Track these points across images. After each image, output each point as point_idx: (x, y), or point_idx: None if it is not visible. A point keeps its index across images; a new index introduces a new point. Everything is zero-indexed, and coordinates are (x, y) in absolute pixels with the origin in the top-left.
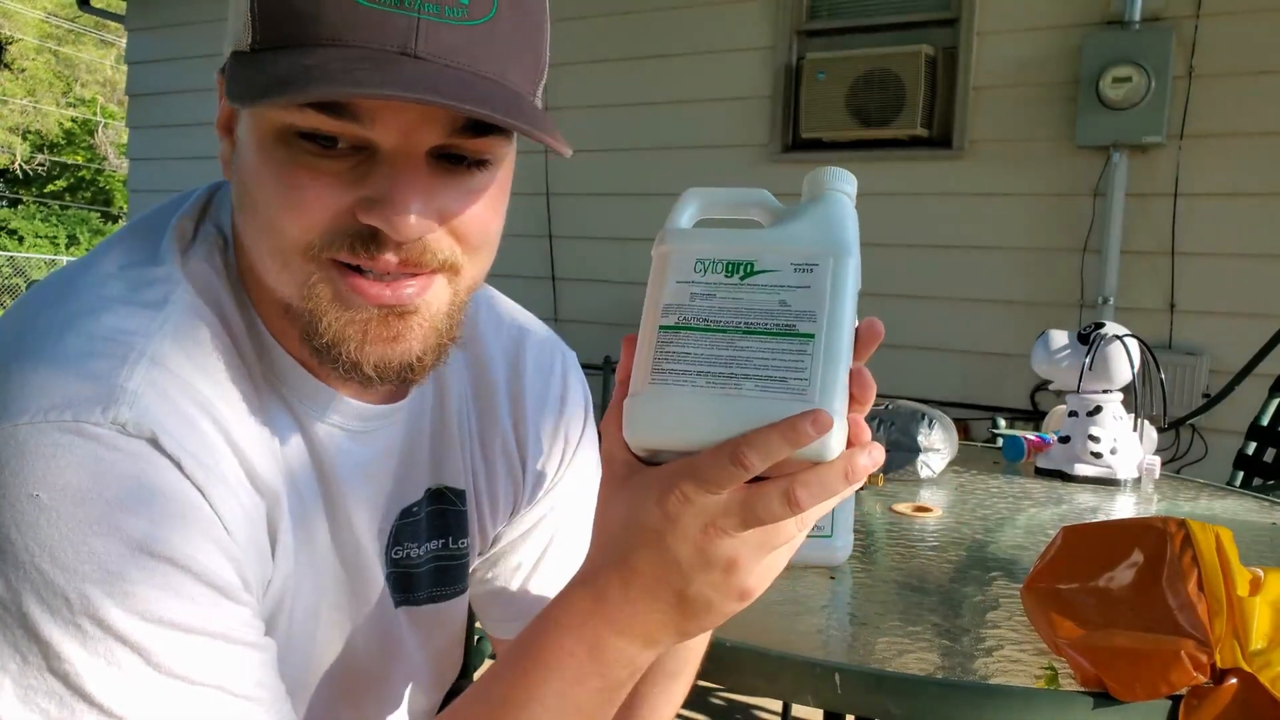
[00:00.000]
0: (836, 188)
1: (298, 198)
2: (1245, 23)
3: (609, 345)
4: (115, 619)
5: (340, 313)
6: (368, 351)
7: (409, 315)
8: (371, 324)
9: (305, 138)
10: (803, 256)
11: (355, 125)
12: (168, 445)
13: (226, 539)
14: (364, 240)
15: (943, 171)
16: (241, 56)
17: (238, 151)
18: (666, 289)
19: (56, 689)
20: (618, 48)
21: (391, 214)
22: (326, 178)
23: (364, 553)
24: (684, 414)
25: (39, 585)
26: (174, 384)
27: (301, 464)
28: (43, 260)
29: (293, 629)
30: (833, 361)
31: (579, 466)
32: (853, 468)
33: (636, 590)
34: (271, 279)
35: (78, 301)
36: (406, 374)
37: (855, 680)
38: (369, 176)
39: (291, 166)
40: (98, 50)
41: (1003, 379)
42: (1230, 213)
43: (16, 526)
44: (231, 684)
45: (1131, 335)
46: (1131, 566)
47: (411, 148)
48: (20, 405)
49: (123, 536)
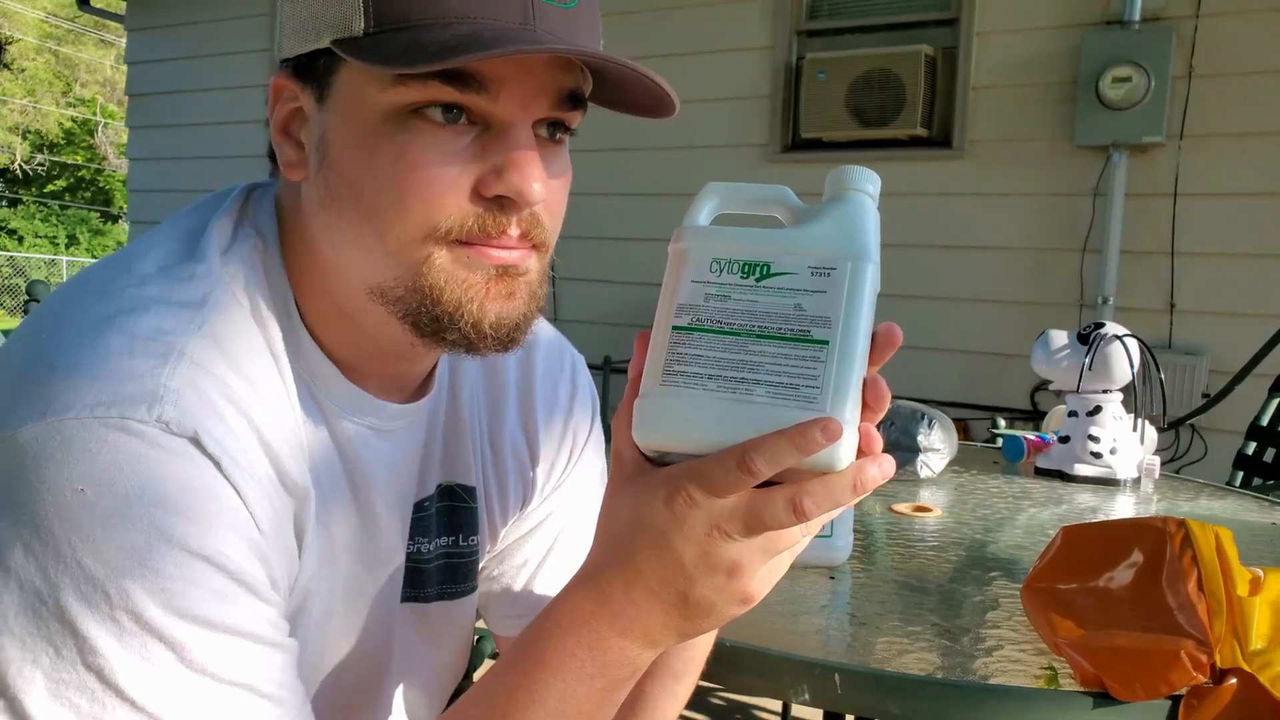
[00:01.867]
0: (859, 188)
1: (424, 177)
2: (1245, 23)
3: (609, 345)
4: (152, 615)
5: (462, 277)
6: (488, 309)
7: (519, 275)
8: (491, 283)
9: (419, 116)
10: (820, 260)
11: (481, 96)
12: (208, 445)
13: (259, 539)
14: (493, 215)
15: (942, 171)
16: (353, 41)
17: (325, 148)
18: (681, 287)
19: (89, 683)
20: (618, 47)
21: (520, 181)
22: (450, 155)
23: (386, 551)
24: (693, 417)
25: (79, 579)
26: (211, 383)
27: (331, 464)
28: (42, 260)
29: (310, 628)
30: (846, 369)
31: (585, 466)
32: (862, 479)
33: (639, 590)
34: (372, 268)
35: (117, 301)
36: (514, 334)
37: (855, 680)
38: (488, 149)
39: (412, 147)
40: (97, 50)
41: (1003, 379)
42: (1230, 213)
43: (60, 521)
44: (258, 684)
45: (1131, 335)
46: (1131, 566)
47: (526, 119)
48: (65, 401)
49: (163, 533)
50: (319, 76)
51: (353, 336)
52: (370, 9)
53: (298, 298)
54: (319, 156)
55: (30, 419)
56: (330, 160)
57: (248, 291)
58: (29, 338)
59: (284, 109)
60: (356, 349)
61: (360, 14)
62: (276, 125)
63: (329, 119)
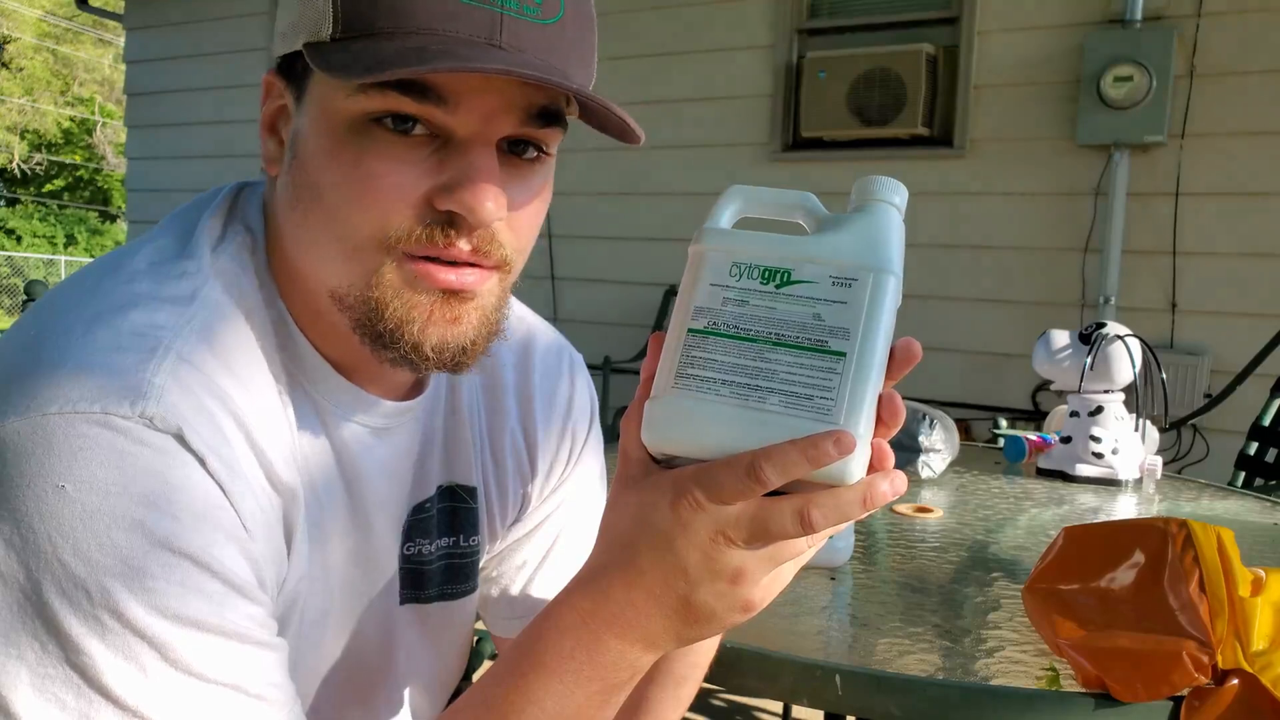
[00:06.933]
0: (885, 199)
1: (375, 186)
2: (1247, 22)
3: (609, 345)
4: (134, 614)
5: (407, 296)
6: (430, 333)
7: (468, 300)
8: (435, 305)
9: (379, 124)
10: (842, 270)
11: (439, 109)
12: (193, 441)
13: (245, 538)
14: (441, 228)
15: (944, 171)
16: (320, 46)
17: (296, 146)
18: (699, 290)
19: (74, 680)
20: (617, 47)
21: (471, 199)
22: (404, 166)
23: (381, 551)
24: (704, 423)
25: (60, 577)
26: (198, 380)
27: (323, 464)
28: (40, 260)
29: (303, 630)
30: (862, 383)
31: (584, 467)
32: (872, 494)
33: (640, 592)
34: (328, 271)
35: (107, 297)
36: (460, 358)
37: (856, 681)
38: (445, 163)
39: (368, 155)
40: (96, 49)
41: (1004, 379)
42: (1232, 212)
43: (40, 516)
44: (245, 683)
45: (1133, 335)
46: (1133, 567)
47: (487, 135)
48: (48, 396)
49: (145, 531)
50: (298, 78)
51: (337, 333)
52: (338, 16)
53: (283, 295)
54: (290, 154)
55: (14, 414)
56: (299, 161)
57: (238, 288)
58: (19, 334)
59: (271, 105)
60: (344, 346)
61: (329, 20)
62: (264, 121)
63: (302, 121)
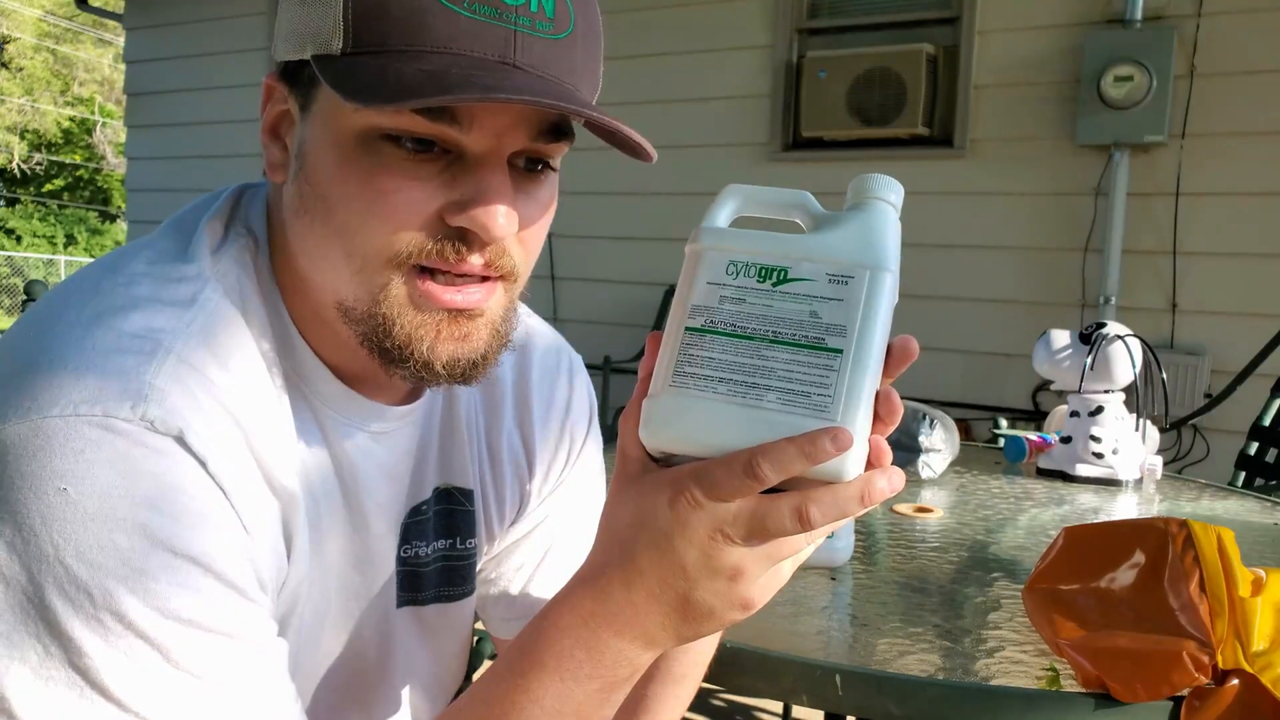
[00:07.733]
0: (881, 197)
1: (388, 202)
2: (1247, 22)
3: (609, 345)
4: (136, 615)
5: (414, 315)
6: (440, 351)
7: (476, 316)
8: (444, 324)
9: (391, 141)
10: (839, 267)
11: (453, 129)
12: (193, 443)
13: (245, 539)
14: (453, 243)
15: (944, 170)
16: (330, 60)
17: (303, 156)
18: (696, 289)
19: (76, 682)
20: (617, 46)
21: (485, 217)
22: (416, 183)
23: (378, 554)
24: (702, 420)
25: (62, 579)
26: (198, 382)
27: (322, 467)
28: (40, 260)
29: (302, 631)
30: (859, 380)
31: (583, 468)
32: (870, 491)
33: (639, 591)
34: (336, 283)
35: (107, 299)
36: (471, 371)
37: (856, 681)
38: (457, 180)
39: (380, 171)
40: (96, 49)
41: (1004, 379)
42: (1233, 212)
43: (43, 519)
44: (245, 684)
45: (1133, 335)
46: (1133, 567)
47: (499, 152)
48: (50, 398)
49: (146, 533)
50: (304, 86)
51: (340, 340)
52: (350, 30)
53: (286, 299)
54: (297, 164)
55: (15, 416)
56: (306, 171)
57: (239, 291)
58: (19, 336)
59: (273, 110)
60: (344, 352)
61: (339, 34)
62: (265, 126)
63: (308, 130)
